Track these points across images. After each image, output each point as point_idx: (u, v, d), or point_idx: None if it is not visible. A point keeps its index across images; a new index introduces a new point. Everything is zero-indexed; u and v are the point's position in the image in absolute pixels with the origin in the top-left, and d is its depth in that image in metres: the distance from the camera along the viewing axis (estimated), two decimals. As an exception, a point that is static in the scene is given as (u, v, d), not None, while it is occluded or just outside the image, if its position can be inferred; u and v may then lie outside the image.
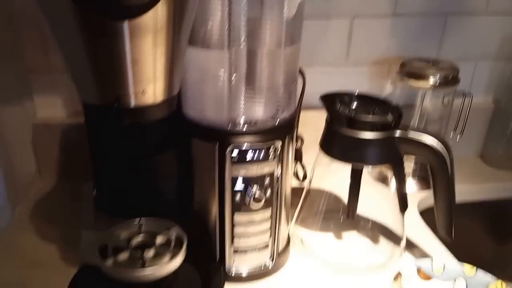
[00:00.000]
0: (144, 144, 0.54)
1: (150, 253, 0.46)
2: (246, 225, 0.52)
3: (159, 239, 0.48)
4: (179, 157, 0.52)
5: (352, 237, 0.63)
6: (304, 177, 0.77)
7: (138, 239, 0.48)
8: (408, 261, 0.54)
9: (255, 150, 0.48)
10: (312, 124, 0.73)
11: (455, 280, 0.52)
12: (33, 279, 0.55)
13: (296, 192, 0.64)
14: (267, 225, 0.53)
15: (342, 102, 0.55)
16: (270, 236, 0.54)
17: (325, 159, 0.55)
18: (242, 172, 0.49)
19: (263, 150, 0.48)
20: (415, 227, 0.67)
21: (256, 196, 0.49)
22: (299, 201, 0.63)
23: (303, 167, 0.78)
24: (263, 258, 0.55)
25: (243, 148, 0.48)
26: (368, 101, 0.55)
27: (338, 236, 0.63)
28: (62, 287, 0.47)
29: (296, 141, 0.77)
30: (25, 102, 0.72)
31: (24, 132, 0.72)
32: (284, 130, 0.50)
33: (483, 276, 0.51)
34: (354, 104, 0.55)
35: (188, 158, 0.51)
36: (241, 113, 0.48)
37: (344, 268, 0.57)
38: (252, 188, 0.49)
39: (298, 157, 0.78)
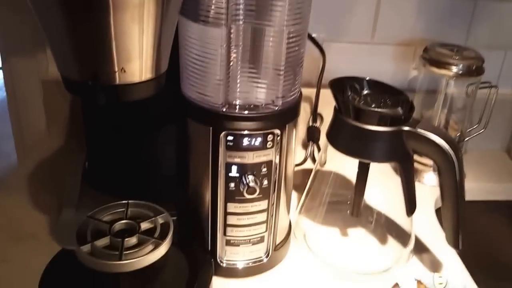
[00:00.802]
0: (140, 119, 0.51)
1: (131, 241, 0.43)
2: (240, 215, 0.48)
3: (144, 226, 0.45)
4: (177, 138, 0.48)
5: (357, 235, 0.59)
6: (323, 163, 0.73)
7: (122, 224, 0.45)
8: (408, 274, 0.50)
9: (252, 137, 0.44)
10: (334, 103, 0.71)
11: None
12: (12, 256, 0.52)
13: (309, 175, 0.60)
14: (262, 217, 0.49)
15: (352, 89, 0.50)
16: (266, 229, 0.50)
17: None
18: (237, 159, 0.45)
19: (261, 137, 0.44)
20: (427, 227, 0.62)
21: (251, 185, 0.45)
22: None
23: (319, 149, 0.74)
24: (258, 252, 0.52)
25: (239, 134, 0.44)
26: (380, 90, 0.51)
27: (343, 232, 0.59)
28: (42, 268, 0.44)
29: (315, 119, 0.74)
30: (38, 56, 0.70)
31: (36, 89, 0.69)
32: (285, 117, 0.46)
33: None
34: (365, 92, 0.50)
35: (185, 140, 0.47)
36: (239, 95, 0.44)
37: (345, 272, 0.53)
38: (247, 176, 0.45)
39: (316, 137, 0.74)
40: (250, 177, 0.46)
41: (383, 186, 0.58)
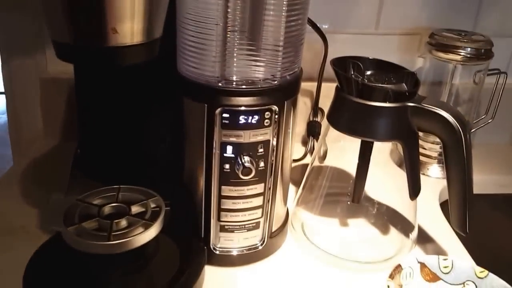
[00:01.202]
0: (133, 102, 0.49)
1: (120, 224, 0.40)
2: (235, 199, 0.46)
3: (135, 209, 0.43)
4: (172, 122, 0.46)
5: (357, 224, 0.57)
6: (324, 157, 0.70)
7: (111, 207, 0.43)
8: (411, 255, 0.48)
9: (249, 114, 0.42)
10: None
11: (464, 285, 0.45)
12: (1, 248, 0.50)
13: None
14: (258, 201, 0.47)
15: (355, 69, 0.48)
16: (262, 215, 0.48)
17: (333, 134, 0.50)
18: (233, 138, 0.43)
19: (258, 115, 0.42)
20: (432, 219, 0.60)
21: (246, 165, 0.43)
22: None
23: (325, 145, 0.72)
24: (253, 239, 0.49)
25: (235, 110, 0.41)
26: (384, 69, 0.49)
27: (343, 222, 0.57)
28: (27, 258, 0.42)
29: (316, 113, 0.72)
30: (37, 55, 0.68)
31: (35, 87, 0.67)
32: (284, 93, 0.44)
33: (496, 281, 0.43)
34: (369, 72, 0.49)
35: (180, 121, 0.45)
36: (236, 70, 0.42)
37: (345, 261, 0.51)
38: (243, 157, 0.43)
39: (317, 132, 0.72)
40: (246, 158, 0.44)
41: (384, 174, 0.57)
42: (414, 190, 0.49)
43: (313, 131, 0.73)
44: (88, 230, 0.39)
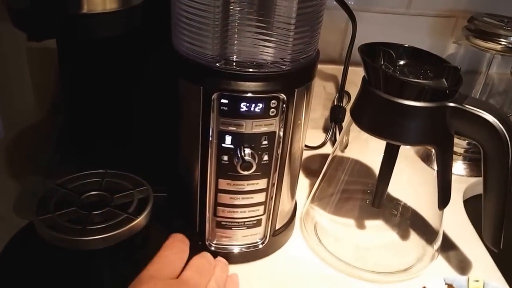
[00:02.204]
0: (122, 72, 0.43)
1: (99, 215, 0.36)
2: (233, 194, 0.41)
3: (119, 199, 0.38)
4: (167, 102, 0.40)
5: (376, 228, 0.51)
6: (345, 146, 0.64)
7: (92, 195, 0.38)
8: (438, 278, 0.41)
9: (252, 101, 0.36)
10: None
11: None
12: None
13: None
14: (260, 198, 0.42)
15: (386, 58, 0.40)
16: (265, 212, 0.43)
17: (356, 126, 0.43)
18: (232, 127, 0.37)
19: (262, 103, 0.36)
20: (455, 223, 0.54)
21: (246, 159, 0.37)
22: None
23: (347, 133, 0.65)
24: (253, 237, 0.44)
25: (235, 96, 0.35)
26: (420, 59, 0.41)
27: (360, 224, 0.50)
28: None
29: (341, 98, 0.65)
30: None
31: (22, 57, 0.62)
32: (295, 80, 0.37)
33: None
34: (402, 62, 0.42)
35: (174, 103, 0.40)
36: (238, 49, 0.35)
37: (359, 269, 0.45)
38: (243, 149, 0.38)
39: (340, 118, 0.65)
40: (247, 150, 0.38)
41: (409, 172, 0.50)
42: (444, 200, 0.42)
43: (336, 116, 0.66)
44: (62, 221, 0.35)
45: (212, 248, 0.44)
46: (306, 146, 0.64)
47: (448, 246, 0.50)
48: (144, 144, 0.46)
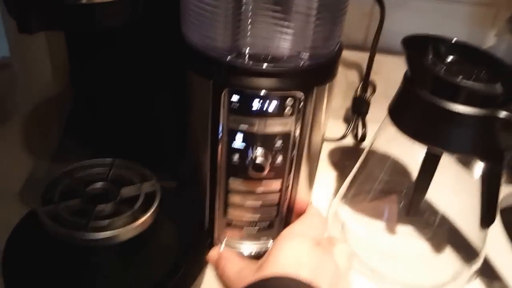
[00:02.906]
0: (131, 61, 0.41)
1: (104, 209, 0.35)
2: (244, 194, 0.38)
3: (125, 193, 0.37)
4: (179, 92, 0.38)
5: (409, 237, 0.46)
6: (362, 138, 0.60)
7: (98, 186, 0.37)
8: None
9: (265, 99, 0.33)
10: (390, 73, 0.54)
11: None
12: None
13: (351, 155, 0.50)
14: (273, 199, 0.39)
15: (434, 53, 0.36)
16: (278, 214, 0.40)
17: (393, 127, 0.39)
18: (243, 125, 0.34)
19: (277, 101, 0.33)
20: (491, 233, 0.48)
21: (258, 161, 0.35)
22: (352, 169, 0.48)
23: (364, 125, 0.60)
24: (265, 239, 0.42)
25: (247, 93, 0.32)
26: (473, 58, 0.37)
27: (392, 231, 0.46)
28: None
29: (366, 88, 0.60)
30: None
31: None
32: (314, 77, 0.34)
33: None
34: (451, 58, 0.37)
35: (184, 96, 0.37)
36: (252, 41, 0.32)
37: (387, 280, 0.42)
38: (255, 150, 0.35)
39: (363, 110, 0.61)
40: (259, 151, 0.35)
41: (450, 181, 0.45)
42: (488, 218, 0.38)
43: (358, 108, 0.61)
44: (68, 213, 0.34)
45: (222, 249, 0.42)
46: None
47: (485, 267, 0.44)
48: (153, 134, 0.45)
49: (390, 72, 0.56)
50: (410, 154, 0.43)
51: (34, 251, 0.37)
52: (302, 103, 0.34)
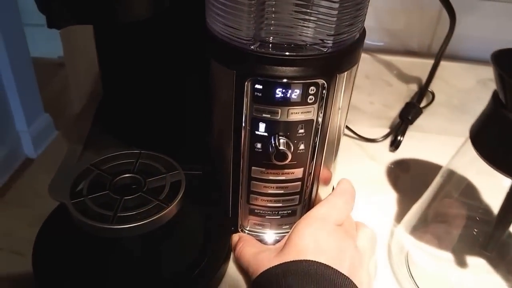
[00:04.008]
0: (157, 54, 0.42)
1: (131, 201, 0.36)
2: (267, 182, 0.39)
3: (151, 183, 0.38)
4: (203, 83, 0.39)
5: (482, 269, 0.41)
6: (396, 146, 0.58)
7: (126, 178, 0.38)
8: None
9: (288, 87, 0.33)
10: (453, 82, 0.53)
11: None
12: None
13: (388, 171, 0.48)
14: (295, 187, 0.40)
15: None
16: (300, 202, 0.41)
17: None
18: (266, 114, 0.35)
19: (300, 89, 0.33)
20: None
21: (281, 149, 0.35)
22: (391, 187, 0.47)
23: (402, 133, 0.58)
24: (288, 226, 0.43)
25: (270, 81, 0.33)
26: None
27: (461, 263, 0.41)
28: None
29: (421, 97, 0.58)
30: None
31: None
32: (337, 64, 0.34)
33: None
34: None
35: (208, 86, 0.38)
36: (275, 30, 0.32)
37: None
38: (277, 138, 0.35)
39: (411, 117, 0.58)
40: (282, 140, 0.36)
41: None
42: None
43: (406, 114, 0.59)
44: (94, 206, 0.35)
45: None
46: (361, 137, 0.60)
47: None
48: (178, 123, 0.45)
49: (454, 81, 0.56)
50: (492, 181, 0.37)
51: (63, 243, 0.38)
52: (324, 91, 0.34)
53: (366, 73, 0.59)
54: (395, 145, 0.58)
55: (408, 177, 0.54)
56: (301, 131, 0.36)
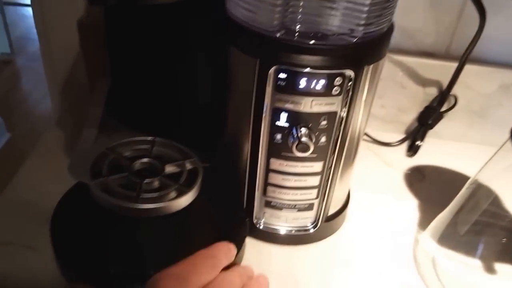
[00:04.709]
0: (170, 41, 0.41)
1: (151, 183, 0.36)
2: (285, 175, 0.38)
3: (169, 169, 0.38)
4: (218, 71, 0.38)
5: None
6: (414, 151, 0.56)
7: (144, 163, 0.38)
8: None
9: (313, 77, 0.32)
10: (474, 86, 0.51)
11: None
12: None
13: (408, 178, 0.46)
14: (314, 181, 0.39)
15: None
16: (318, 196, 0.40)
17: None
18: (289, 104, 0.34)
19: (325, 79, 0.32)
20: None
21: (303, 140, 0.34)
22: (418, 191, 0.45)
23: (421, 137, 0.56)
24: (304, 221, 0.42)
25: (295, 71, 0.32)
26: None
27: (490, 269, 0.40)
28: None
29: (443, 101, 0.55)
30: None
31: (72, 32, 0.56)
32: (365, 55, 0.33)
33: None
34: None
35: (226, 74, 0.37)
36: (302, 18, 0.31)
37: None
38: (299, 129, 0.35)
39: (430, 122, 0.56)
40: (304, 130, 0.35)
41: None
42: None
43: (425, 119, 0.56)
44: (116, 186, 0.35)
45: (260, 227, 0.43)
46: (377, 140, 0.57)
47: None
48: (190, 113, 0.45)
49: (475, 85, 0.53)
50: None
51: (80, 220, 0.38)
52: (350, 82, 0.33)
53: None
54: (413, 150, 0.56)
55: (426, 184, 0.52)
56: (324, 122, 0.35)
